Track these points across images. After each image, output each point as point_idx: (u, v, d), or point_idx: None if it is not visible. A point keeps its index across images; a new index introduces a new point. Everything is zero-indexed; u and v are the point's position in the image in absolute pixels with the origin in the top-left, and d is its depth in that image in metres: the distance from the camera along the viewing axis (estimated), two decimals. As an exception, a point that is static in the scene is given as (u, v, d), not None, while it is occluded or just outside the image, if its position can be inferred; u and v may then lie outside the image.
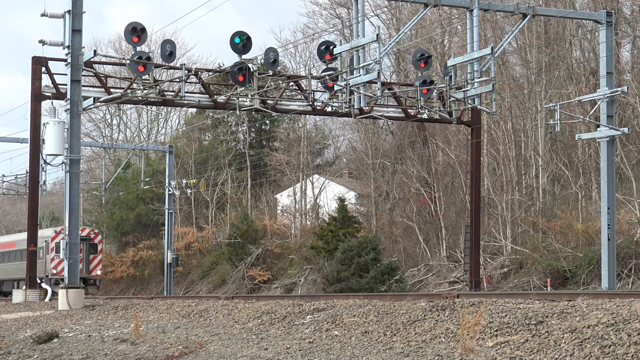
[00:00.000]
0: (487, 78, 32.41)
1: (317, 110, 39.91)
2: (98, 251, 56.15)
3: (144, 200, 72.38)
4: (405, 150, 58.01)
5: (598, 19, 35.38)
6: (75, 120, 34.63)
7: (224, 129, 72.80)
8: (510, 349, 14.10)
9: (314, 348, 16.85)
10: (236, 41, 36.04)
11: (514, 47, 51.28)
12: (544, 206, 46.52)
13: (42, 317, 30.10)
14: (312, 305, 21.95)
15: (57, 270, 52.12)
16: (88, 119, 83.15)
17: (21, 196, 65.19)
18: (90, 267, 55.24)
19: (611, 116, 34.75)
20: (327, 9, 67.48)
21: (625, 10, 49.94)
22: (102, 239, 58.26)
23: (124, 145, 72.98)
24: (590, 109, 39.31)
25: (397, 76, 61.03)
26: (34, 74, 37.94)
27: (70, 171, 34.37)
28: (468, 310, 17.26)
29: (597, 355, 12.84)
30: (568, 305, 16.28)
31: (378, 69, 29.88)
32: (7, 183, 64.63)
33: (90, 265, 55.28)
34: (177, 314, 25.96)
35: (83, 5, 33.94)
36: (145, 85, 36.69)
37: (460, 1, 32.69)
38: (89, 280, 54.37)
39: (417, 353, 15.02)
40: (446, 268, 48.82)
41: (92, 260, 55.46)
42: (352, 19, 41.24)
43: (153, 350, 19.38)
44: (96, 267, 55.88)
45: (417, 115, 40.16)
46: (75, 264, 34.09)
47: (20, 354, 22.00)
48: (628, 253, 38.41)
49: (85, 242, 54.06)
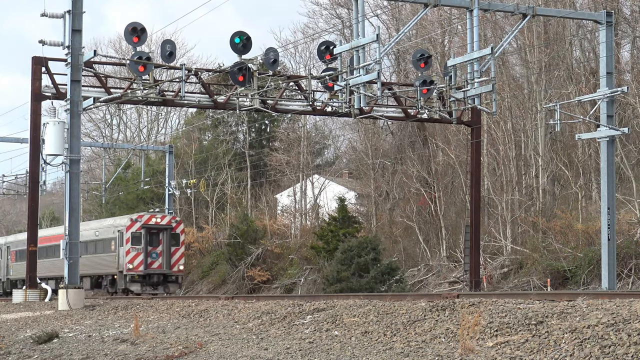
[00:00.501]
0: (487, 78, 32.42)
1: (317, 110, 39.91)
2: (180, 242, 48.86)
3: (144, 200, 72.35)
4: (405, 150, 58.00)
5: (598, 19, 35.38)
6: (75, 120, 34.64)
7: (224, 129, 72.80)
8: (510, 349, 14.10)
9: (314, 348, 16.85)
10: (236, 41, 36.04)
11: (514, 47, 51.28)
12: (544, 206, 46.52)
13: (42, 317, 30.10)
14: (312, 305, 21.95)
15: (134, 265, 46.90)
16: (88, 119, 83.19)
17: (21, 196, 65.19)
18: (171, 261, 47.89)
19: (611, 116, 34.76)
20: (327, 9, 67.53)
21: (625, 10, 49.94)
22: (184, 229, 51.13)
23: (124, 145, 72.99)
24: (590, 109, 39.30)
25: (397, 76, 61.02)
26: (34, 74, 37.92)
27: (70, 171, 34.38)
28: (468, 310, 17.26)
29: (597, 355, 12.84)
30: (568, 305, 16.28)
31: (378, 69, 29.88)
32: (7, 183, 64.64)
33: (172, 259, 47.94)
34: (177, 314, 25.95)
35: (83, 5, 33.95)
36: (145, 85, 36.68)
37: (460, 1, 32.70)
38: (169, 277, 48.02)
39: (417, 353, 15.01)
40: (446, 268, 48.82)
41: (173, 253, 48.10)
42: (352, 19, 41.24)
43: (153, 350, 19.38)
44: (178, 262, 48.44)
45: (417, 115, 40.15)
46: (75, 264, 34.10)
47: (20, 354, 22.00)
48: (628, 253, 38.41)
49: (166, 231, 48.03)
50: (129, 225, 47.29)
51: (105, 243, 49.07)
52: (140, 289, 46.49)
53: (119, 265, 47.46)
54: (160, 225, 47.92)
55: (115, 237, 47.95)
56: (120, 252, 47.54)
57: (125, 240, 47.21)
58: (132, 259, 46.92)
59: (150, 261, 47.11)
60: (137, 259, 46.90)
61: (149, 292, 45.94)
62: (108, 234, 49.07)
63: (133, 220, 47.45)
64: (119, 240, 47.68)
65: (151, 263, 47.20)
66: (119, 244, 47.66)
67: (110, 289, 48.59)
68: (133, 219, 47.61)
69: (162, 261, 47.42)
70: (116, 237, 47.91)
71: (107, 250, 48.84)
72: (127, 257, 47.01)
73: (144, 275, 47.00)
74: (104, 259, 49.01)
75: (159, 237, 47.73)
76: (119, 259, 47.52)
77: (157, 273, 47.34)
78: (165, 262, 47.51)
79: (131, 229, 47.15)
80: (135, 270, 46.74)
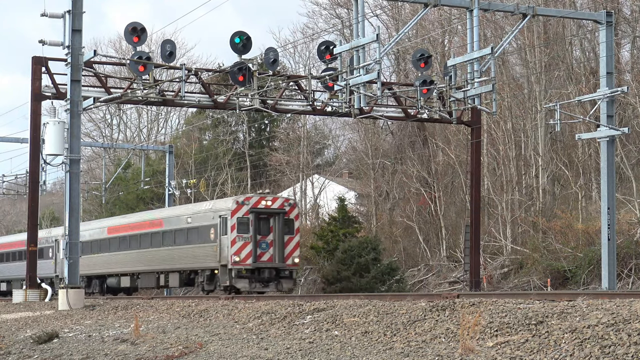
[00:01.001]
0: (487, 78, 32.43)
1: (317, 110, 39.93)
2: (295, 230, 40.76)
3: (144, 200, 72.35)
4: (405, 150, 58.01)
5: (598, 19, 35.40)
6: (75, 120, 34.65)
7: (224, 129, 72.80)
8: (510, 349, 14.10)
9: (314, 348, 16.85)
10: (236, 41, 36.07)
11: (514, 47, 51.27)
12: (544, 206, 46.51)
13: (42, 317, 30.10)
14: (312, 305, 21.96)
15: (241, 257, 39.28)
16: (88, 119, 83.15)
17: (21, 196, 65.17)
18: (285, 252, 40.12)
19: (611, 116, 34.77)
20: (327, 9, 67.50)
21: (625, 10, 49.94)
22: (299, 213, 42.63)
23: (124, 145, 73.01)
24: (590, 109, 39.30)
25: (397, 76, 61.01)
26: (34, 74, 37.94)
27: (70, 171, 34.38)
28: (468, 310, 17.26)
29: (597, 355, 12.84)
30: (568, 305, 16.28)
31: (378, 69, 29.89)
32: (7, 183, 64.64)
33: (285, 250, 40.15)
34: (177, 314, 25.96)
35: (83, 5, 33.98)
36: (145, 85, 36.70)
37: (460, 1, 32.72)
38: (282, 272, 40.22)
39: (417, 353, 15.02)
40: (446, 268, 48.83)
41: (287, 243, 40.27)
42: (351, 19, 41.25)
43: (153, 350, 19.38)
44: (293, 253, 40.42)
45: (417, 115, 40.17)
46: (75, 264, 34.08)
47: (20, 354, 22.00)
48: (628, 253, 38.41)
49: (278, 217, 40.10)
50: (235, 209, 39.55)
51: (202, 231, 41.34)
52: (249, 286, 39.25)
53: (220, 257, 39.82)
54: (271, 209, 40.07)
55: (216, 223, 40.21)
56: (223, 242, 39.79)
57: (230, 228, 39.47)
58: (239, 250, 39.30)
59: (259, 252, 39.57)
60: (245, 250, 39.29)
61: (258, 289, 39.20)
62: (206, 220, 41.18)
63: (239, 203, 39.74)
64: (222, 227, 39.97)
65: (260, 255, 39.63)
66: (221, 232, 39.95)
67: (208, 285, 41.37)
68: (239, 201, 39.90)
69: (274, 252, 39.79)
70: (217, 224, 40.15)
71: (205, 239, 41.11)
72: (233, 248, 39.24)
73: (253, 270, 39.50)
74: (199, 251, 41.55)
75: (268, 223, 40.22)
76: (220, 250, 39.88)
77: (268, 267, 39.71)
78: (278, 254, 39.75)
79: (237, 213, 39.46)
80: (242, 263, 39.07)
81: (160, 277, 44.75)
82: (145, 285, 47.24)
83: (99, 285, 50.47)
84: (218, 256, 39.85)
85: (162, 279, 44.68)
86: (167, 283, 44.50)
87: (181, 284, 43.76)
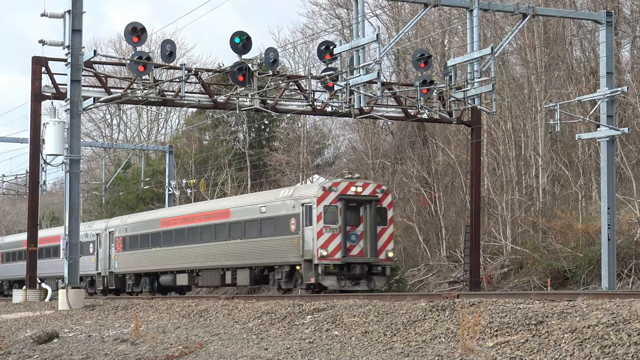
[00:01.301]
0: (487, 78, 32.45)
1: (317, 110, 39.93)
2: (388, 220, 36.18)
3: (144, 200, 72.36)
4: (405, 150, 58.02)
5: (598, 19, 35.41)
6: (75, 120, 34.67)
7: (224, 129, 72.81)
8: (510, 349, 14.10)
9: (314, 348, 16.85)
10: (236, 41, 36.09)
11: (514, 47, 51.28)
12: (544, 206, 46.51)
13: (42, 317, 30.10)
14: (312, 305, 21.97)
15: (329, 252, 34.66)
16: (88, 119, 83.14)
17: (21, 196, 65.20)
18: (377, 245, 35.49)
19: (611, 116, 34.79)
20: (327, 9, 67.51)
21: (625, 10, 49.94)
22: (392, 201, 37.77)
23: (124, 145, 73.04)
24: (590, 109, 39.31)
25: (397, 76, 61.03)
26: (34, 74, 37.95)
27: (70, 171, 34.39)
28: (468, 310, 17.27)
29: (597, 355, 12.84)
30: (568, 305, 16.29)
31: (378, 69, 29.91)
32: (7, 183, 64.66)
33: (378, 243, 35.53)
34: (177, 314, 25.97)
35: (83, 5, 34.00)
36: (145, 85, 36.71)
37: (460, 1, 32.74)
38: (374, 268, 35.49)
39: (417, 353, 15.02)
40: (446, 268, 48.82)
41: (379, 235, 35.63)
42: (351, 19, 41.26)
43: (153, 350, 19.39)
44: (386, 246, 35.92)
45: (417, 115, 40.18)
46: (75, 264, 34.08)
47: (20, 354, 22.00)
48: (628, 253, 38.41)
49: (369, 205, 35.55)
50: (321, 196, 34.92)
51: (280, 222, 36.82)
52: (337, 283, 34.85)
53: (303, 251, 35.18)
54: (362, 197, 35.51)
55: (298, 213, 35.63)
56: (307, 234, 35.17)
57: (316, 217, 34.91)
58: (326, 243, 34.63)
59: (349, 245, 35.13)
60: (333, 243, 34.73)
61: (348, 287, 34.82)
62: (284, 210, 36.53)
63: (327, 190, 35.06)
64: (305, 217, 35.37)
65: (350, 248, 35.17)
66: (305, 223, 35.33)
67: (286, 283, 36.94)
68: (326, 187, 35.23)
69: (364, 246, 35.29)
70: (299, 213, 35.56)
71: (283, 231, 36.50)
72: (319, 241, 34.62)
73: (341, 265, 34.93)
74: (276, 244, 37.01)
75: (358, 212, 35.71)
76: (304, 243, 35.22)
77: (359, 262, 35.15)
78: (370, 247, 35.19)
79: (324, 201, 34.87)
80: (330, 258, 34.51)
81: (225, 274, 40.02)
82: (207, 284, 42.44)
83: (149, 284, 46.12)
84: (301, 250, 35.25)
85: (228, 276, 39.91)
86: (235, 281, 39.71)
87: (252, 281, 39.09)
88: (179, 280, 43.42)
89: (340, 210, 35.10)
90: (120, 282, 48.40)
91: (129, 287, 47.69)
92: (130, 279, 47.53)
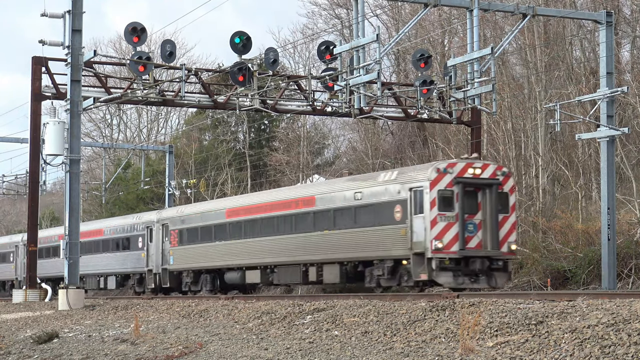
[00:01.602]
0: (487, 78, 32.46)
1: (317, 110, 39.95)
2: (510, 207, 31.48)
3: (144, 200, 72.36)
4: (405, 150, 58.03)
5: (598, 19, 35.41)
6: (75, 120, 34.68)
7: (224, 129, 72.83)
8: (510, 349, 14.10)
9: (314, 348, 16.85)
10: (236, 41, 36.10)
11: (514, 47, 51.28)
12: (544, 206, 46.48)
13: (42, 317, 30.10)
14: (312, 305, 21.97)
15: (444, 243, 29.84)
16: (88, 119, 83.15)
17: (21, 196, 65.20)
18: (499, 235, 30.78)
19: (611, 116, 34.79)
20: (326, 9, 67.52)
21: (625, 10, 49.93)
22: (514, 185, 32.64)
23: (124, 145, 73.06)
24: (590, 109, 39.31)
25: (397, 76, 61.04)
26: (34, 74, 37.98)
27: (70, 171, 34.40)
28: (468, 310, 17.27)
29: (597, 355, 12.84)
30: (568, 305, 16.29)
31: (378, 69, 29.92)
32: (7, 183, 64.65)
33: (500, 233, 30.82)
34: (177, 314, 25.97)
35: (83, 5, 34.02)
36: (145, 85, 36.72)
37: (460, 1, 32.74)
38: (495, 262, 30.72)
39: (417, 353, 15.02)
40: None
41: (501, 224, 30.92)
42: (351, 19, 41.27)
43: (153, 350, 19.39)
44: (508, 237, 31.16)
45: (417, 115, 40.19)
46: (75, 264, 34.06)
47: (20, 354, 22.01)
48: (628, 253, 38.38)
49: (489, 190, 30.91)
50: (435, 179, 30.21)
51: (381, 210, 31.89)
52: (453, 280, 30.14)
53: (412, 243, 30.35)
54: (481, 180, 30.86)
55: (405, 199, 30.79)
56: (416, 223, 30.28)
57: (429, 204, 30.09)
58: (441, 234, 29.98)
59: (466, 236, 30.45)
60: (449, 234, 30.10)
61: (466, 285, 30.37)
62: (387, 195, 31.62)
63: (441, 172, 30.34)
64: (415, 203, 30.51)
65: (467, 239, 30.48)
66: (415, 210, 30.48)
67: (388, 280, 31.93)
68: (441, 168, 30.43)
69: (484, 237, 30.64)
70: (406, 199, 30.72)
71: (386, 220, 31.58)
72: (434, 231, 29.92)
73: (458, 260, 30.24)
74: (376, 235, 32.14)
75: (476, 198, 30.99)
76: (413, 233, 30.41)
77: (479, 256, 30.50)
78: (490, 239, 30.48)
79: (438, 184, 30.20)
80: (446, 251, 29.86)
81: (309, 270, 35.15)
82: (284, 281, 37.50)
83: (211, 282, 41.22)
84: (408, 242, 30.43)
85: (311, 273, 34.98)
86: (321, 278, 34.79)
87: (343, 278, 34.18)
88: (248, 278, 38.69)
89: (457, 195, 30.37)
90: (176, 280, 43.23)
91: (185, 285, 42.71)
92: (188, 277, 42.47)
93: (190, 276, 42.28)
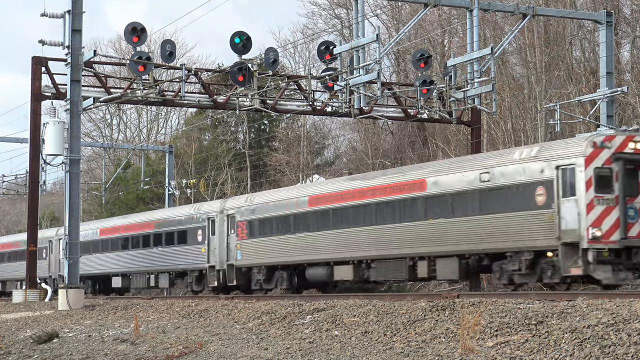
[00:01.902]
0: (487, 78, 32.48)
1: (317, 110, 39.95)
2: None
3: (144, 200, 72.35)
4: (405, 150, 58.03)
5: (598, 19, 35.42)
6: (75, 120, 34.68)
7: (223, 129, 72.83)
8: (510, 349, 14.10)
9: (314, 348, 16.85)
10: (236, 41, 36.10)
11: (514, 47, 51.28)
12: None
13: (42, 317, 30.10)
14: (312, 305, 21.97)
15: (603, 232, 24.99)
16: (88, 119, 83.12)
17: (21, 196, 65.18)
18: None
19: (611, 116, 34.80)
20: (326, 9, 67.51)
21: (625, 10, 49.92)
22: None
23: (124, 145, 73.06)
24: (590, 109, 39.31)
25: (397, 76, 61.04)
26: (34, 74, 37.97)
27: (70, 171, 34.39)
28: (468, 310, 17.27)
29: (597, 355, 12.84)
30: (568, 305, 16.29)
31: (378, 69, 29.94)
32: (7, 183, 64.63)
33: None
34: (177, 314, 25.96)
35: (83, 5, 34.02)
36: (145, 85, 36.72)
37: (460, 1, 32.76)
38: None
39: (417, 353, 15.02)
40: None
41: None
42: (351, 19, 41.28)
43: (153, 350, 19.39)
44: None
45: (417, 115, 40.19)
46: (75, 264, 34.04)
47: (20, 354, 22.01)
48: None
49: None
50: (591, 155, 25.37)
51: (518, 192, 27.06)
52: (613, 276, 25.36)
53: (560, 232, 25.58)
54: None
55: (549, 179, 25.98)
56: (566, 207, 25.49)
57: (584, 184, 25.27)
58: (599, 220, 25.10)
59: (628, 223, 25.50)
60: (608, 220, 25.24)
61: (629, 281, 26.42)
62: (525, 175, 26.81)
63: (598, 146, 25.45)
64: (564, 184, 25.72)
65: (628, 227, 25.51)
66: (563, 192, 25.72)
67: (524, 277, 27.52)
68: (597, 142, 25.48)
69: None
70: (552, 180, 25.87)
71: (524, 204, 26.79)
72: (590, 217, 25.03)
73: (618, 251, 25.35)
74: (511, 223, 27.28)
75: (637, 177, 25.93)
76: (561, 219, 25.58)
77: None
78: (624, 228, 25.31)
79: (594, 161, 25.38)
80: (605, 240, 25.00)
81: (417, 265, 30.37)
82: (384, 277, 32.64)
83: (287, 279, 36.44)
84: (556, 230, 25.61)
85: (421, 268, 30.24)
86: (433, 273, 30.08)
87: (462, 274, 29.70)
88: (337, 274, 33.86)
89: (617, 174, 25.54)
90: (244, 277, 38.18)
91: (256, 283, 37.83)
92: (259, 273, 37.41)
93: (262, 273, 37.30)
